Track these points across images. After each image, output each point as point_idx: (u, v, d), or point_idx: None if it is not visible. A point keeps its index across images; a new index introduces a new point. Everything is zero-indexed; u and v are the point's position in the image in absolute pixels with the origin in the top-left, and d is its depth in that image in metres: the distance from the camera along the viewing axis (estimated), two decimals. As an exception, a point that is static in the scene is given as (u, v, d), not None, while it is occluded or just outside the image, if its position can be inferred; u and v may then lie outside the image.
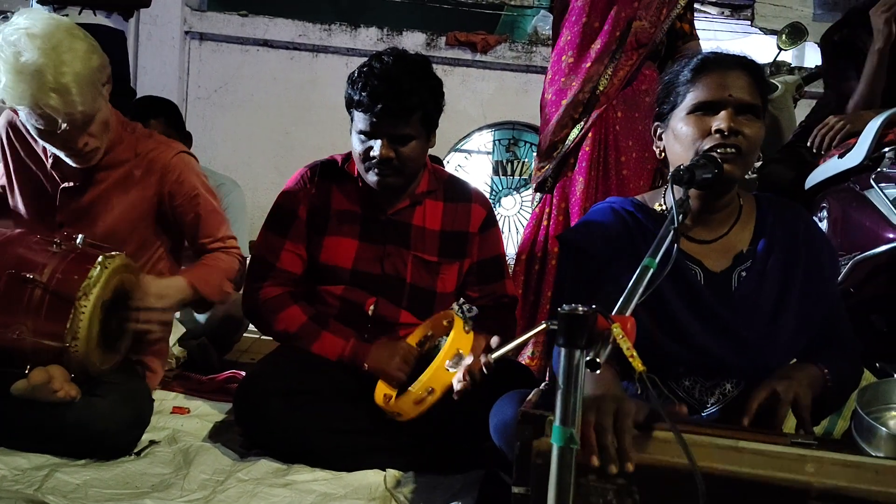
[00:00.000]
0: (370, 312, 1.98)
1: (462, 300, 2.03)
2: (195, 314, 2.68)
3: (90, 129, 1.77)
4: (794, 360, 1.52)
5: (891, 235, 2.12)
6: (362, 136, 1.88)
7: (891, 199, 2.12)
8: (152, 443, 1.81)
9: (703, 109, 1.44)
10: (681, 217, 1.26)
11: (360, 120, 1.87)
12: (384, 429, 1.82)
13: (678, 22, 2.57)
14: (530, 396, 1.31)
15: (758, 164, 1.48)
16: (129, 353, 1.85)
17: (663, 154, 1.52)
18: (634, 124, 2.54)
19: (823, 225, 2.44)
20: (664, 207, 1.52)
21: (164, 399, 2.12)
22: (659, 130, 1.54)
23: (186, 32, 4.39)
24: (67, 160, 1.83)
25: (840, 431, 1.82)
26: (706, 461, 1.06)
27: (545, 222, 2.50)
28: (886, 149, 2.24)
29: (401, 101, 1.84)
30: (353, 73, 1.91)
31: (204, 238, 1.98)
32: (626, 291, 1.08)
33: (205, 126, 4.35)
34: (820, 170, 2.54)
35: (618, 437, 1.09)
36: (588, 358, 0.92)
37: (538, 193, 2.57)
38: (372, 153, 1.87)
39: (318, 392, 1.86)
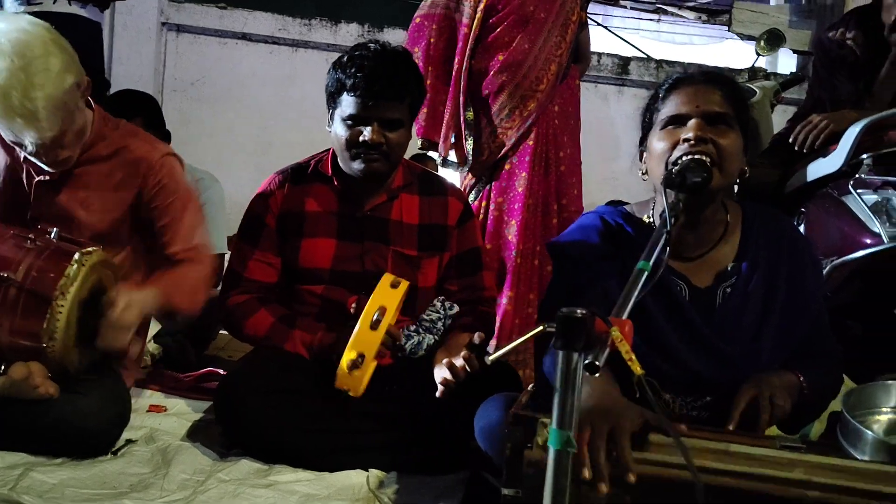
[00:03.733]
0: (352, 311, 1.97)
1: (442, 297, 2.04)
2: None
3: (62, 142, 1.70)
4: None
5: (868, 241, 2.17)
6: (350, 122, 1.87)
7: (868, 204, 2.16)
8: (129, 442, 1.77)
9: (674, 123, 1.46)
10: (673, 220, 1.26)
11: (351, 104, 1.86)
12: (367, 428, 1.81)
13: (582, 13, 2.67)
14: (521, 398, 1.30)
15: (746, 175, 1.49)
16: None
17: (646, 175, 1.53)
18: (568, 119, 2.59)
19: (801, 229, 2.48)
20: (652, 219, 1.53)
21: (141, 397, 2.08)
22: (642, 153, 1.56)
23: (163, 24, 4.33)
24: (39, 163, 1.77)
25: (817, 434, 1.84)
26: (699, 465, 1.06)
27: (481, 216, 2.52)
28: (865, 155, 2.28)
29: (395, 83, 1.85)
30: (341, 58, 1.91)
31: (175, 246, 1.89)
32: (623, 295, 1.08)
33: (181, 119, 4.28)
34: (800, 174, 2.58)
35: (616, 444, 1.08)
36: (587, 361, 0.91)
37: (476, 187, 2.59)
38: (362, 138, 1.85)
39: (300, 391, 1.84)
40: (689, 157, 1.39)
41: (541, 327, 0.99)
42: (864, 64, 2.52)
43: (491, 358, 1.02)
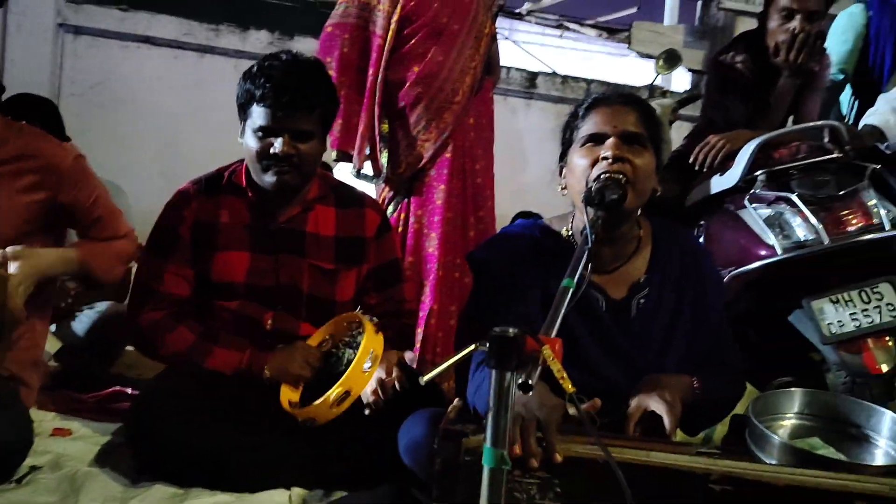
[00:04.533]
0: (268, 327, 1.94)
1: (361, 310, 2.03)
2: (73, 326, 2.52)
3: None
4: None
5: (763, 252, 2.28)
6: (260, 133, 1.84)
7: (763, 218, 2.28)
8: (34, 469, 1.68)
9: (593, 141, 1.52)
10: (594, 236, 1.31)
11: (261, 115, 1.83)
12: (288, 446, 1.78)
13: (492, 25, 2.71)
14: (448, 412, 1.32)
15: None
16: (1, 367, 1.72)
17: (566, 191, 1.59)
18: (483, 132, 2.65)
19: (701, 241, 2.61)
20: (571, 232, 1.58)
21: (42, 420, 1.97)
22: (562, 168, 1.61)
23: (60, 25, 4.12)
24: None
25: (719, 436, 1.95)
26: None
27: (400, 228, 2.53)
28: (759, 172, 2.42)
29: (305, 94, 1.83)
30: (251, 68, 1.88)
31: (107, 232, 1.94)
32: (550, 313, 1.11)
33: (79, 125, 4.05)
34: (699, 189, 2.71)
35: (543, 432, 1.15)
36: (520, 381, 0.94)
37: (395, 200, 2.60)
38: (272, 150, 1.83)
39: (218, 409, 1.79)
40: (607, 175, 1.45)
41: (473, 346, 1.01)
42: (753, 86, 2.67)
43: (425, 378, 1.03)
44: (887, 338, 2.17)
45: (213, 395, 1.80)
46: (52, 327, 2.38)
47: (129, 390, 2.25)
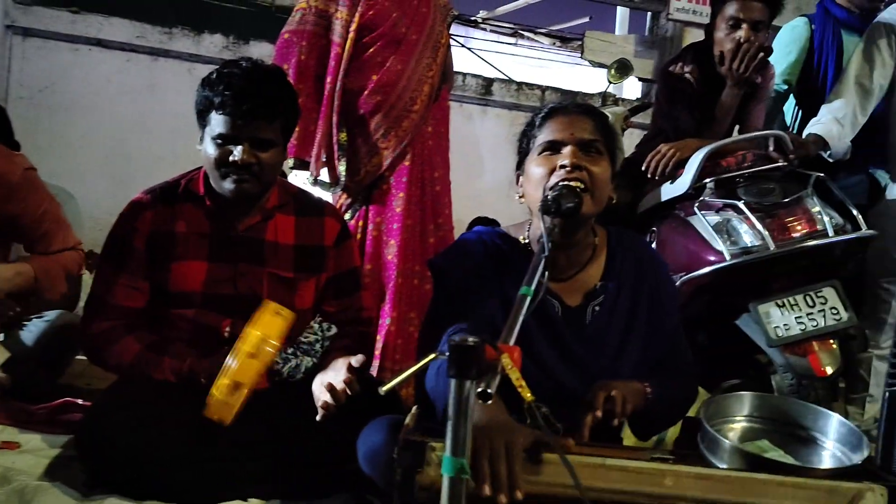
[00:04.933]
0: (226, 335, 1.91)
1: (319, 318, 2.02)
2: (21, 335, 2.45)
3: None
4: None
5: (712, 258, 2.34)
6: (220, 141, 1.82)
7: (711, 225, 2.34)
8: (-20, 484, 1.64)
9: (550, 149, 1.55)
10: (550, 245, 1.34)
11: (220, 123, 1.81)
12: (245, 456, 1.76)
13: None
14: (407, 421, 1.33)
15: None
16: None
17: (523, 199, 1.61)
18: (440, 140, 2.67)
19: (653, 247, 2.66)
20: (528, 239, 1.61)
21: (-11, 432, 1.93)
22: (519, 176, 1.63)
23: (8, 27, 4.00)
24: None
25: (672, 439, 1.99)
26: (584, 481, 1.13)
27: (359, 236, 2.53)
28: (707, 180, 2.49)
29: (265, 103, 1.82)
30: (211, 75, 1.86)
31: (56, 246, 1.95)
32: (508, 321, 1.13)
33: (27, 129, 3.96)
34: (650, 196, 2.77)
35: (507, 465, 1.13)
36: (480, 390, 0.95)
37: (353, 207, 2.59)
38: (231, 157, 1.81)
39: (171, 420, 1.76)
40: (564, 182, 1.48)
41: (433, 356, 1.02)
42: (701, 96, 2.74)
43: (384, 388, 1.04)
44: (831, 340, 2.25)
45: (167, 405, 1.77)
46: (0, 336, 2.32)
47: (80, 401, 2.19)
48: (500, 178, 4.39)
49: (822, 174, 2.41)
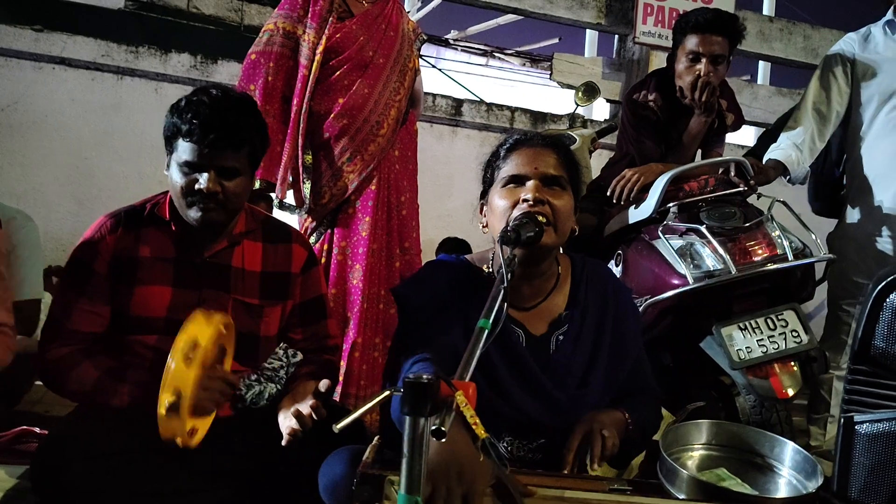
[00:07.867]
0: (187, 361, 1.89)
1: (285, 345, 2.01)
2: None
3: None
4: None
5: (676, 281, 2.38)
6: (186, 169, 1.81)
7: (675, 248, 2.37)
8: (-70, 519, 1.60)
9: (514, 182, 1.56)
10: (510, 275, 1.34)
11: (186, 151, 1.79)
12: (206, 486, 1.73)
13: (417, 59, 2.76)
14: (367, 454, 1.32)
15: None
16: None
17: (486, 228, 1.62)
18: (407, 164, 2.68)
19: (618, 270, 2.69)
20: (491, 269, 1.61)
21: (-58, 464, 1.89)
22: (483, 206, 1.64)
23: (-31, 44, 3.96)
24: None
25: (637, 463, 2.00)
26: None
27: (323, 259, 2.52)
28: (671, 204, 2.52)
29: (233, 132, 1.80)
30: (179, 102, 1.84)
31: None
32: (465, 356, 1.13)
33: (-11, 148, 3.93)
34: (616, 220, 2.80)
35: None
36: (433, 427, 0.95)
37: (317, 231, 2.58)
38: (197, 186, 1.80)
39: (130, 452, 1.72)
40: (525, 212, 1.49)
41: (387, 392, 1.02)
42: (664, 123, 2.79)
43: (339, 426, 1.03)
44: (792, 363, 2.29)
45: (125, 435, 1.73)
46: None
47: (37, 429, 2.15)
48: (470, 199, 4.34)
49: (781, 199, 2.45)
